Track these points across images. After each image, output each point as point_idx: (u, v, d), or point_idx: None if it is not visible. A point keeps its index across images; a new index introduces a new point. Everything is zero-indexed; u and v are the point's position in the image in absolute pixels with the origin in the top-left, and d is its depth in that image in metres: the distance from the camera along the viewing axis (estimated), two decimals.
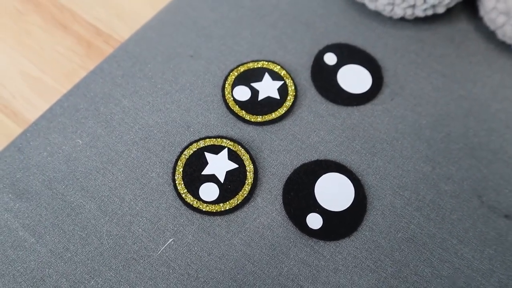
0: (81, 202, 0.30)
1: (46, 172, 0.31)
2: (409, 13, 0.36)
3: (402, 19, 0.38)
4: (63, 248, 0.28)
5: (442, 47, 0.37)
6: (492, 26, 0.36)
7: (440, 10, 0.35)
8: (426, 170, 0.31)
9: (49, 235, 0.29)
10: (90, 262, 0.28)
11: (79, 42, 0.39)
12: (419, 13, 0.35)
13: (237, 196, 0.29)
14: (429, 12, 0.36)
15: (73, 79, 0.37)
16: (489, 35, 0.37)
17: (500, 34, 0.35)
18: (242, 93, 0.33)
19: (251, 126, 0.32)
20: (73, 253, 0.28)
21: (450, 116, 0.34)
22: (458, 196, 0.31)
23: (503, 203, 0.30)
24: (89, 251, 0.28)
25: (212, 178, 0.30)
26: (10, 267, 0.28)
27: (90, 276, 0.27)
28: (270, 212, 0.29)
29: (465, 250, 0.29)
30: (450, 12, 0.38)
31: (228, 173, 0.30)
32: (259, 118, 0.32)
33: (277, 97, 0.33)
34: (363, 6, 0.38)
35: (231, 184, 0.30)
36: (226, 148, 0.31)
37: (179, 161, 0.30)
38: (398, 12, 0.36)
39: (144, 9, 0.41)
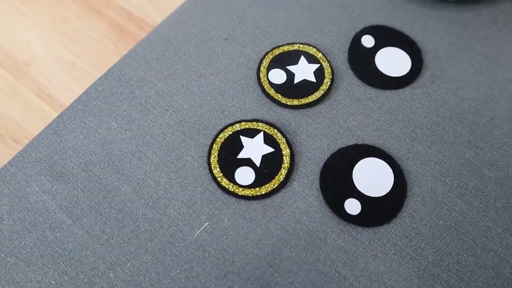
0: (116, 185, 0.30)
1: (82, 155, 0.31)
2: None
3: (443, 0, 0.37)
4: (99, 230, 0.28)
5: (485, 29, 0.36)
6: None
7: None
8: (469, 156, 0.30)
9: (86, 217, 0.29)
10: (127, 244, 0.28)
11: (112, 27, 0.39)
12: None
13: (273, 181, 0.29)
14: None
15: (106, 63, 0.37)
16: None
17: None
18: (278, 76, 0.32)
19: (287, 109, 0.32)
20: (109, 235, 0.28)
21: (494, 100, 0.32)
22: (503, 183, 0.29)
23: None
24: (125, 234, 0.28)
25: (248, 162, 0.29)
26: (49, 248, 0.28)
27: (126, 259, 0.28)
28: (307, 197, 0.29)
29: (511, 239, 0.28)
30: None
31: (264, 157, 0.30)
32: (295, 102, 0.32)
33: (314, 80, 0.32)
34: None
35: (267, 168, 0.29)
36: (262, 132, 0.30)
37: (214, 144, 0.30)
38: None
39: None
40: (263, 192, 0.29)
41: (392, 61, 0.33)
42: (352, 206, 0.28)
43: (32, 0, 0.41)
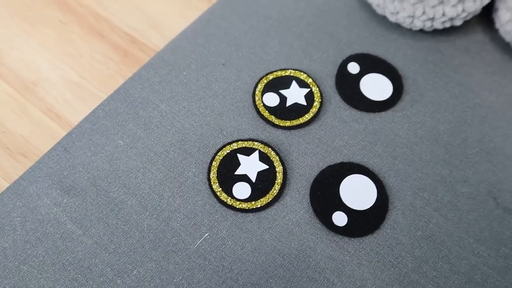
0: (123, 198, 0.32)
1: (91, 170, 0.33)
2: (428, 25, 0.38)
3: (421, 31, 0.40)
4: (107, 240, 0.31)
5: (459, 57, 0.39)
6: (507, 38, 0.38)
7: (458, 22, 0.37)
8: (444, 173, 0.33)
9: (94, 228, 0.31)
10: (133, 253, 0.30)
11: (116, 50, 0.42)
12: (438, 25, 0.37)
13: (267, 195, 0.32)
14: (447, 25, 0.38)
15: (110, 84, 0.40)
16: (504, 47, 0.39)
17: None
18: (271, 99, 0.35)
19: (280, 130, 0.35)
20: (116, 245, 0.30)
21: (467, 123, 0.36)
22: (475, 198, 0.32)
23: None
24: (131, 244, 0.30)
25: (244, 178, 0.32)
26: (60, 257, 0.30)
27: (132, 266, 0.30)
28: (298, 210, 0.32)
29: (481, 249, 0.31)
30: (466, 24, 0.40)
31: (259, 174, 0.32)
32: (288, 123, 0.34)
33: (304, 103, 0.35)
34: (384, 18, 0.40)
35: (262, 184, 0.32)
36: (257, 150, 0.33)
37: (213, 161, 0.33)
38: (418, 25, 0.38)
39: (176, 20, 0.43)
40: (258, 206, 0.31)
41: (375, 86, 0.36)
42: (339, 218, 0.31)
43: (39, 23, 0.44)
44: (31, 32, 0.43)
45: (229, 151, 0.33)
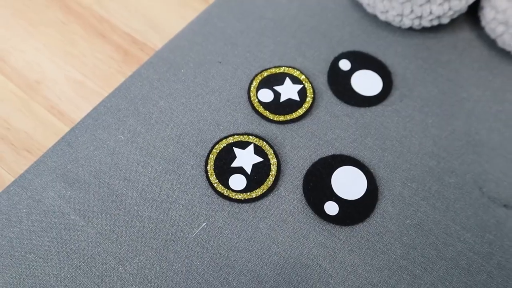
0: (124, 190, 0.33)
1: (93, 164, 0.34)
2: (416, 24, 0.39)
3: (410, 29, 0.41)
4: (109, 230, 0.32)
5: (447, 54, 0.40)
6: (492, 35, 0.39)
7: (445, 20, 0.39)
8: (432, 164, 0.35)
9: (97, 219, 0.32)
10: (133, 242, 0.31)
11: (117, 50, 0.43)
12: (426, 23, 0.39)
13: (262, 186, 0.33)
14: (435, 23, 0.39)
15: (111, 82, 0.41)
16: (490, 43, 0.41)
17: (500, 42, 0.39)
18: (266, 95, 0.37)
19: (274, 124, 0.36)
20: (118, 234, 0.32)
21: (454, 116, 0.37)
22: (461, 187, 0.34)
23: (502, 194, 0.34)
24: (132, 233, 0.32)
25: (240, 170, 0.33)
26: (64, 246, 0.31)
27: (133, 255, 0.31)
28: (292, 200, 0.33)
29: (467, 236, 0.32)
30: (454, 22, 0.42)
31: (254, 166, 0.34)
32: (281, 118, 0.36)
33: (297, 99, 0.37)
34: (374, 17, 0.42)
35: (257, 176, 0.33)
36: (252, 144, 0.34)
37: (210, 155, 0.34)
38: (407, 23, 0.39)
39: (175, 21, 0.45)
40: (253, 196, 0.33)
41: (366, 82, 0.38)
42: (331, 208, 0.32)
43: (41, 24, 0.45)
44: (33, 33, 0.45)
45: (225, 144, 0.34)
